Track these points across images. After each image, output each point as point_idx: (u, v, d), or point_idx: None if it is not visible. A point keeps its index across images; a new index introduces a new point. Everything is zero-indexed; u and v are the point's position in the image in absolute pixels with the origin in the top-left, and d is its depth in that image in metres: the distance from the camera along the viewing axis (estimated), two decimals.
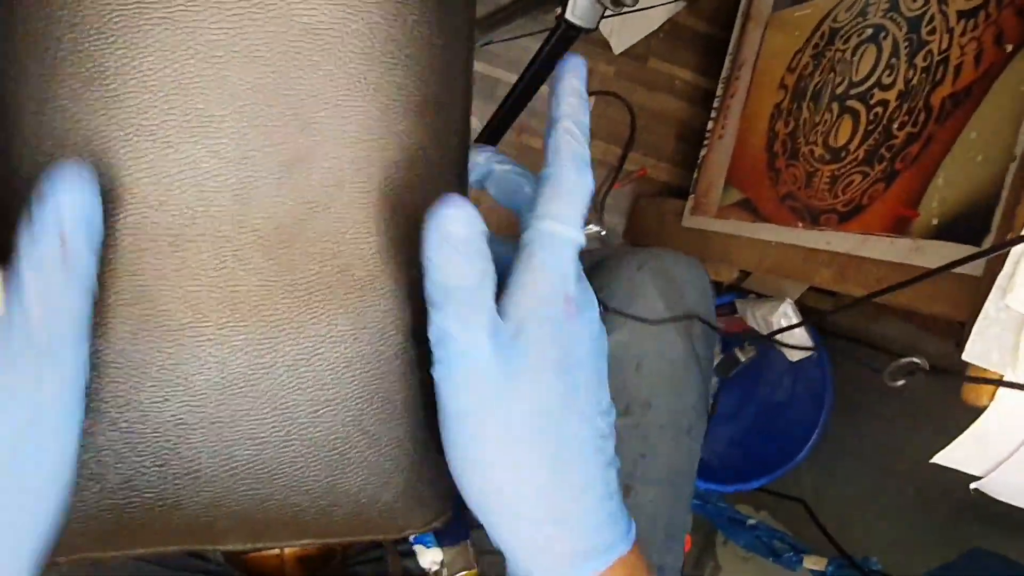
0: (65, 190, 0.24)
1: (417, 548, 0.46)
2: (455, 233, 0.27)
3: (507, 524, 0.30)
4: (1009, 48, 0.58)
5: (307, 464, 0.31)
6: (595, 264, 0.58)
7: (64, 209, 0.24)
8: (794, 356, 0.90)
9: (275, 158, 0.28)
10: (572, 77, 0.31)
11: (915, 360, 0.33)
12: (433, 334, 0.29)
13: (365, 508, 0.33)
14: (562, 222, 0.30)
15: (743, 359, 0.68)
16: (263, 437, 0.31)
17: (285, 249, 0.29)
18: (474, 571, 0.46)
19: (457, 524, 0.45)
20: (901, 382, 0.33)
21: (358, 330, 0.31)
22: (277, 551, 0.46)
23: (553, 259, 0.30)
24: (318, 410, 0.31)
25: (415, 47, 0.29)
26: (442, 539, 0.46)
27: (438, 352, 0.29)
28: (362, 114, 0.29)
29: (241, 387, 0.30)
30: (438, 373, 0.29)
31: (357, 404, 0.31)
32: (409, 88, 0.29)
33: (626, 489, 0.49)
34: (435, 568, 0.45)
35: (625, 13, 0.68)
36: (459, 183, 0.33)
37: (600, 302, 0.53)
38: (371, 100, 0.29)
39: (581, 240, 0.31)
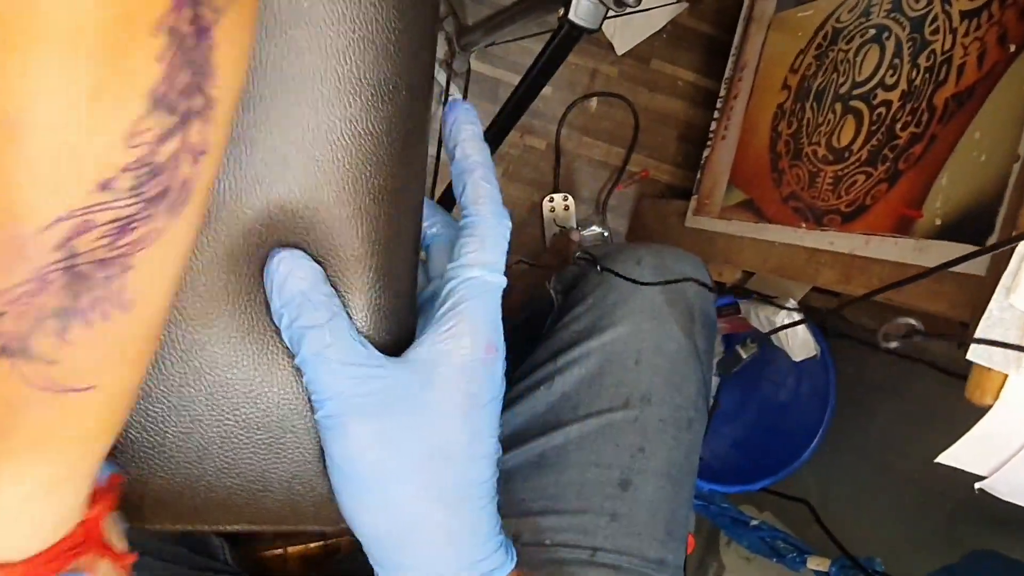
0: None
1: None
2: (294, 288, 0.28)
3: (401, 561, 0.30)
4: (1012, 48, 0.58)
5: (240, 445, 0.31)
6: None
7: None
8: (798, 356, 0.90)
9: None
10: (467, 124, 0.32)
11: (911, 322, 0.32)
12: (305, 383, 0.29)
13: (300, 496, 0.32)
14: (489, 269, 0.30)
15: (745, 356, 0.67)
16: (195, 413, 0.30)
17: (225, 224, 0.29)
18: None
19: None
20: (895, 344, 0.33)
21: None
22: (280, 550, 0.46)
23: (482, 307, 0.30)
24: (252, 390, 0.30)
25: (370, 29, 0.28)
26: None
27: (312, 398, 0.29)
28: (309, 95, 0.28)
29: (173, 361, 0.29)
30: (319, 421, 0.29)
31: (293, 387, 0.31)
32: (362, 71, 0.29)
33: (625, 483, 0.49)
34: None
35: (628, 14, 0.68)
36: (415, 167, 0.32)
37: (595, 262, 0.53)
38: (320, 81, 0.28)
39: (504, 284, 0.31)
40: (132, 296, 0.20)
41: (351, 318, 0.30)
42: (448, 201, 0.87)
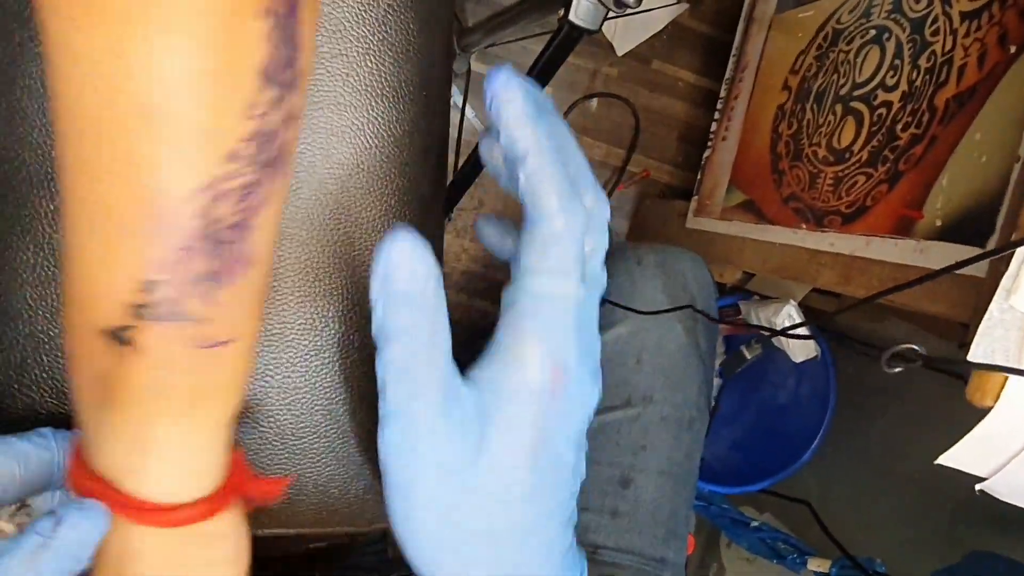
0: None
1: None
2: (399, 284, 0.24)
3: None
4: (1013, 49, 0.58)
5: (275, 451, 0.31)
6: None
7: None
8: (798, 357, 0.90)
9: None
10: (508, 101, 0.25)
11: (913, 347, 0.32)
12: (379, 387, 0.25)
13: (334, 499, 0.33)
14: (553, 276, 0.25)
15: (749, 357, 0.68)
16: None
17: None
18: None
19: None
20: (898, 369, 0.32)
21: (326, 319, 0.31)
22: (280, 551, 0.46)
23: (543, 325, 0.25)
24: (287, 397, 0.31)
25: (388, 32, 0.29)
26: None
27: (381, 410, 0.25)
28: (332, 98, 0.29)
29: None
30: (381, 436, 0.25)
31: (326, 393, 0.31)
32: (383, 74, 0.29)
33: (626, 481, 0.49)
34: None
35: (628, 15, 0.68)
36: (437, 168, 0.33)
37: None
38: (342, 85, 0.29)
39: (580, 295, 0.25)
40: (255, 254, 0.22)
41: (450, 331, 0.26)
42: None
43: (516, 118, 0.25)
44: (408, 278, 0.24)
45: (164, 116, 0.18)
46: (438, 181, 0.33)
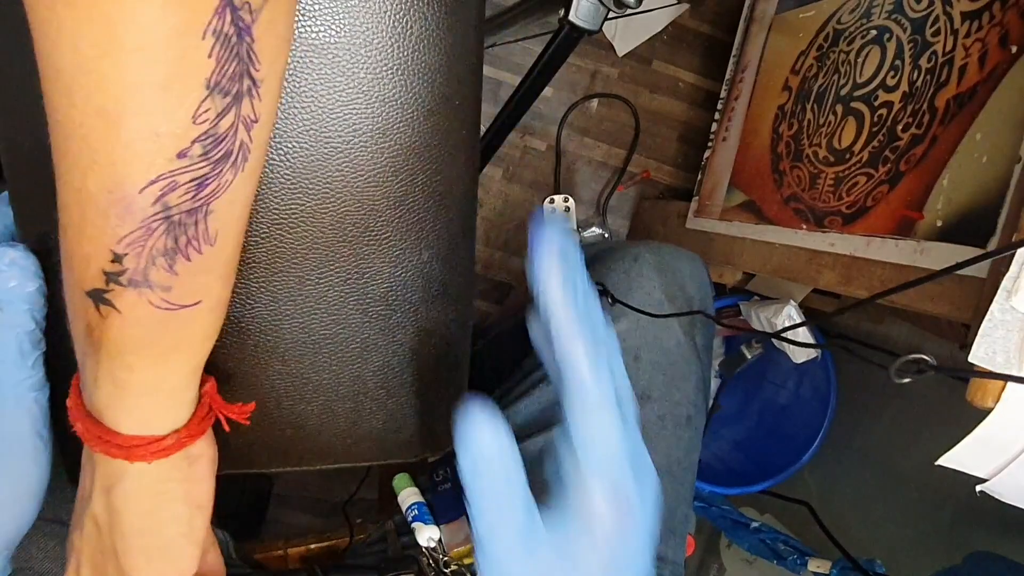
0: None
1: (415, 526, 0.46)
2: (483, 460, 0.27)
3: None
4: (1014, 50, 0.58)
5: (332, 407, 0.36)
6: (593, 258, 0.58)
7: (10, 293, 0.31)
8: (799, 358, 0.90)
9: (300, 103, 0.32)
10: (548, 267, 0.27)
11: (924, 357, 0.32)
12: (471, 519, 0.28)
13: (337, 436, 0.37)
14: (599, 431, 0.28)
15: (750, 356, 0.67)
16: (287, 389, 0.36)
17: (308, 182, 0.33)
18: (470, 546, 0.46)
19: (454, 501, 0.46)
20: (908, 379, 0.32)
21: (353, 273, 0.34)
22: (281, 551, 0.46)
23: (599, 466, 0.28)
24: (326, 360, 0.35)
25: (429, 19, 0.31)
26: (439, 516, 0.46)
27: (476, 557, 0.29)
28: (374, 69, 0.31)
29: (262, 331, 0.34)
30: (476, 560, 0.29)
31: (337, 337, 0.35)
32: (421, 51, 0.32)
33: None
34: (432, 544, 0.45)
35: (628, 15, 0.68)
36: (472, 144, 0.35)
37: (606, 294, 0.53)
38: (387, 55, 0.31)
39: (621, 429, 0.28)
40: (215, 233, 0.26)
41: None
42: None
43: (554, 290, 0.27)
44: (489, 454, 0.27)
45: (120, 120, 0.22)
46: (471, 155, 0.35)
